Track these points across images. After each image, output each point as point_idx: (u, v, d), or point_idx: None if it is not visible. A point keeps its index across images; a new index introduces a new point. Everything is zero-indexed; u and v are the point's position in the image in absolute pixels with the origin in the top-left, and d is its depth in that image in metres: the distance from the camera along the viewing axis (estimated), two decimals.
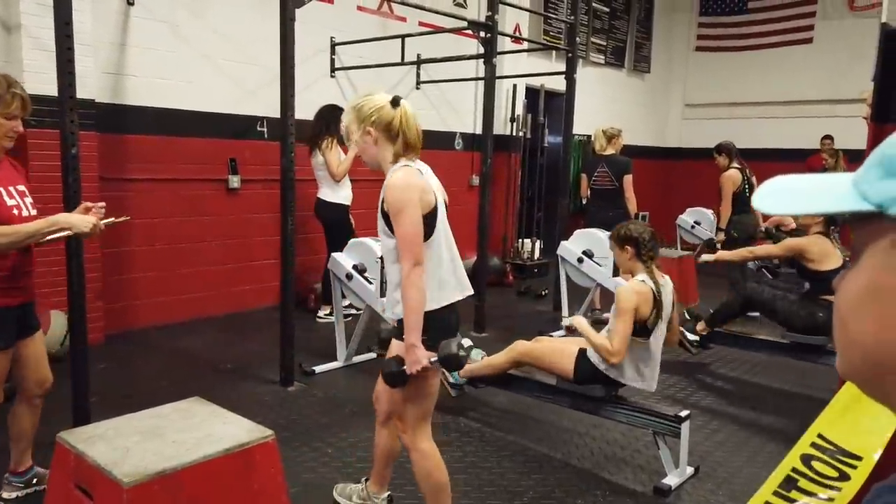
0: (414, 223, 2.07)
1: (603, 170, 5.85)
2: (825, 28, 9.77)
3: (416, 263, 2.06)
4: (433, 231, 2.14)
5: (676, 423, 2.97)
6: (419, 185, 2.10)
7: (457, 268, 2.25)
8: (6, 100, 2.36)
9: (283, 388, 4.05)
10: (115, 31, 4.87)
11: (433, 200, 2.12)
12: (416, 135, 2.16)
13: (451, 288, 2.19)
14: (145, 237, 5.15)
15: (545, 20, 8.31)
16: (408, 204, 2.06)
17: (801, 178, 0.56)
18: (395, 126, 2.12)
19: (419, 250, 2.07)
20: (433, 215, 2.14)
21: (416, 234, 2.07)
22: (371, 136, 2.14)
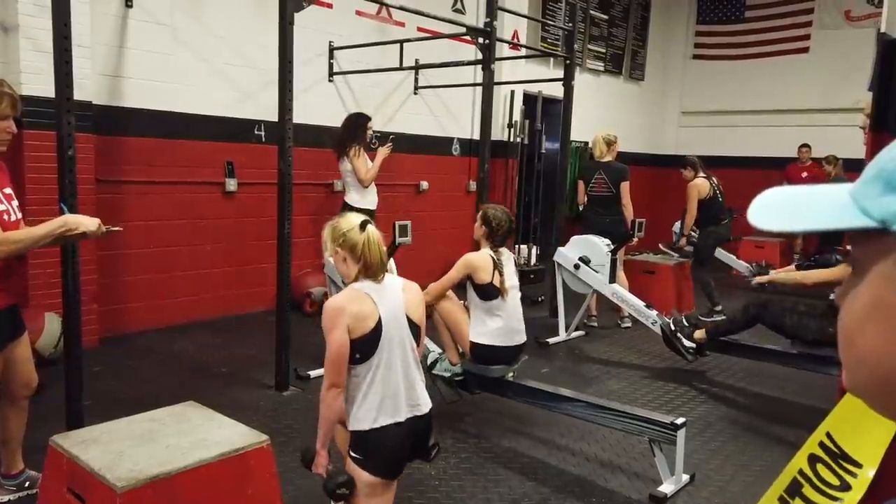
0: (336, 347, 2.15)
1: (600, 176, 5.86)
2: (821, 38, 9.83)
3: (332, 385, 2.18)
4: (371, 354, 2.19)
5: (672, 431, 2.96)
6: (352, 311, 2.17)
7: (406, 389, 2.26)
8: None
9: (279, 393, 4.04)
10: (113, 34, 4.87)
11: (370, 325, 2.18)
12: (376, 258, 2.27)
13: (390, 411, 2.21)
14: (141, 240, 5.14)
15: (543, 27, 8.35)
16: (333, 328, 2.16)
17: (796, 192, 0.55)
18: (359, 250, 2.25)
19: (337, 374, 2.17)
20: (371, 338, 2.19)
21: (336, 358, 2.16)
22: (339, 255, 2.30)
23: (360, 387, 2.21)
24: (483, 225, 3.61)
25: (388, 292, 2.28)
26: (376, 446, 2.21)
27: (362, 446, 2.21)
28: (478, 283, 3.48)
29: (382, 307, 2.23)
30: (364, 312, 2.19)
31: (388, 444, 2.22)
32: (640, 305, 4.95)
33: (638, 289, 5.61)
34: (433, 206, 6.50)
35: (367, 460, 2.20)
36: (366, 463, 2.20)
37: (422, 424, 2.30)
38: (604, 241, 5.30)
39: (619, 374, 4.73)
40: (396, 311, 2.27)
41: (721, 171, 10.41)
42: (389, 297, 2.27)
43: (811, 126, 9.62)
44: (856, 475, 1.20)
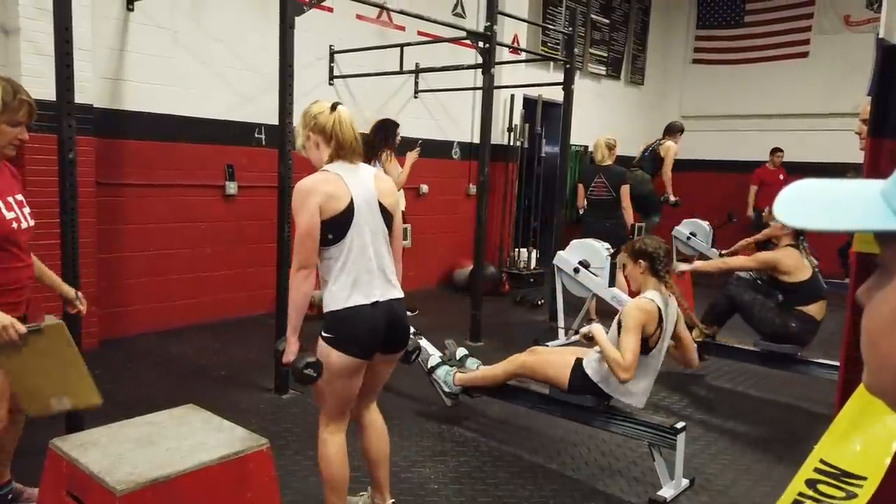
0: (304, 227, 2.16)
1: (600, 180, 5.87)
2: (821, 42, 9.85)
3: (299, 267, 2.19)
4: (343, 234, 2.21)
5: (672, 435, 2.96)
6: (323, 191, 2.18)
7: (380, 273, 2.28)
8: (13, 107, 2.27)
9: (278, 396, 4.04)
10: (114, 37, 4.88)
11: (342, 206, 2.19)
12: (349, 137, 2.26)
13: (364, 291, 2.23)
14: (141, 243, 5.14)
15: (543, 31, 8.36)
16: (302, 208, 2.16)
17: (825, 186, 0.52)
18: (329, 129, 2.24)
19: (304, 255, 2.18)
20: (344, 219, 2.20)
21: (305, 237, 2.17)
22: (311, 140, 2.28)
23: (333, 268, 2.22)
24: (639, 260, 3.06)
25: (361, 177, 2.28)
26: (349, 325, 2.21)
27: (335, 325, 2.22)
28: None
29: (354, 190, 2.23)
30: (335, 193, 2.19)
31: (361, 322, 2.22)
32: None
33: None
34: (433, 210, 6.51)
35: (339, 339, 2.21)
36: (337, 341, 2.21)
37: (396, 308, 2.31)
38: (603, 244, 5.30)
39: None
40: (368, 195, 2.27)
41: (720, 175, 10.50)
42: (362, 182, 2.27)
43: (811, 130, 9.64)
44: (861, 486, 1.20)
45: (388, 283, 2.32)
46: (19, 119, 2.30)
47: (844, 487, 1.21)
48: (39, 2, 4.10)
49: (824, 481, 1.23)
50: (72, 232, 3.14)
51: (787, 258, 4.24)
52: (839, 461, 1.26)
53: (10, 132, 2.29)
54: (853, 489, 1.19)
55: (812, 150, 9.37)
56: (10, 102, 2.26)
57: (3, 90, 2.24)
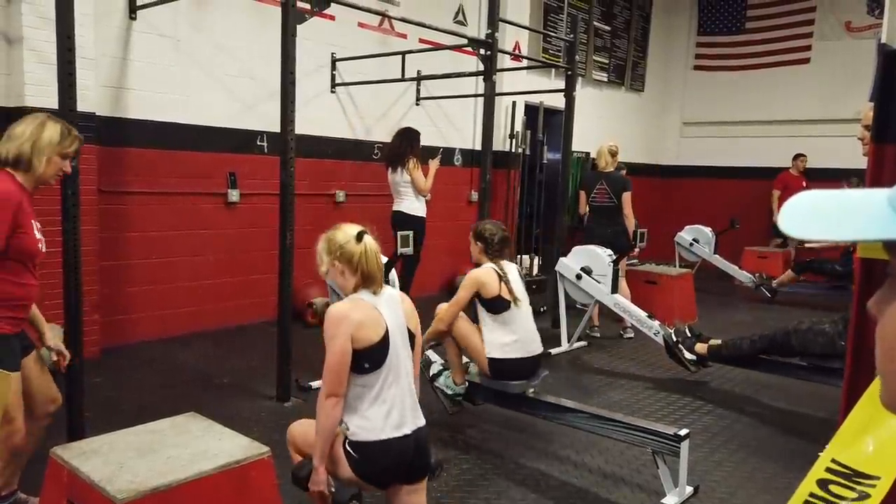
0: (336, 356, 2.12)
1: (602, 187, 5.87)
2: (822, 49, 9.86)
3: (330, 394, 2.13)
4: (380, 364, 2.17)
5: (676, 442, 2.94)
6: (356, 319, 2.14)
7: (410, 401, 2.25)
8: (66, 141, 2.50)
9: (280, 404, 4.02)
10: (117, 45, 4.90)
11: (378, 334, 2.16)
12: (374, 268, 2.24)
13: (396, 423, 2.18)
14: (143, 250, 5.14)
15: (545, 38, 8.38)
16: (335, 336, 2.13)
17: (829, 196, 0.51)
18: (356, 260, 2.22)
19: (336, 383, 2.13)
20: (380, 348, 2.16)
21: (337, 366, 2.12)
22: (337, 268, 2.26)
23: (365, 397, 2.17)
24: (477, 241, 3.57)
25: (390, 303, 2.27)
26: (379, 458, 2.18)
27: (364, 456, 2.16)
28: (487, 298, 3.42)
29: (387, 317, 2.21)
30: (369, 321, 2.16)
31: (393, 455, 2.18)
32: (643, 316, 4.94)
33: (640, 299, 5.60)
34: (435, 217, 6.50)
35: (362, 465, 2.16)
36: (359, 466, 2.16)
37: (423, 438, 2.28)
38: (606, 251, 5.29)
39: (622, 385, 4.71)
40: (398, 321, 2.26)
41: (722, 181, 10.51)
42: (392, 308, 2.26)
43: (812, 136, 9.64)
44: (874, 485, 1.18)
45: (415, 411, 2.28)
46: (69, 153, 2.53)
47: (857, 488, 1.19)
48: (42, 11, 4.12)
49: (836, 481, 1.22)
50: (74, 239, 3.14)
51: None
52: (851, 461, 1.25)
53: (59, 163, 2.50)
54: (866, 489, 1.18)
55: (814, 156, 9.36)
56: (66, 137, 2.50)
57: (60, 126, 2.51)
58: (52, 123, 2.49)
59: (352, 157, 6.57)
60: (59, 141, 2.47)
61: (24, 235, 2.38)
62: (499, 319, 3.43)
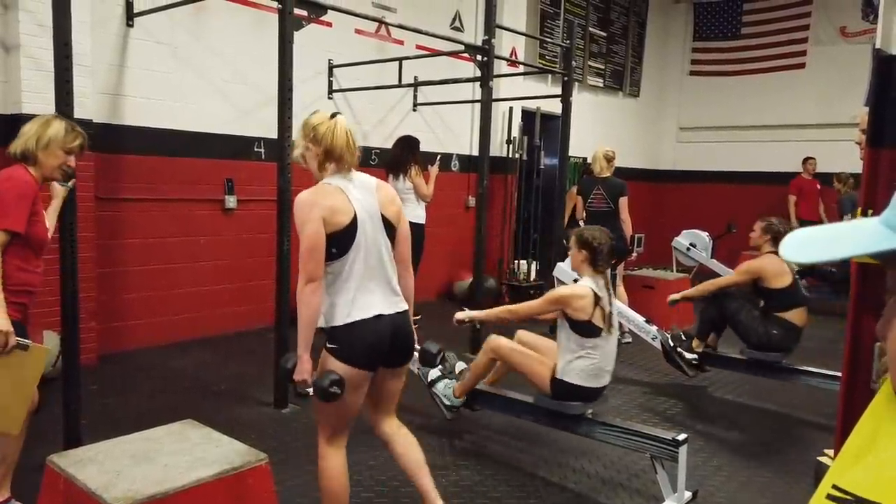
0: (310, 239, 2.13)
1: (599, 192, 5.88)
2: (817, 54, 9.91)
3: (307, 280, 2.14)
4: (347, 249, 2.19)
5: (674, 447, 2.94)
6: (326, 204, 2.15)
7: (384, 286, 2.27)
8: (70, 137, 2.67)
9: (278, 411, 4.01)
10: (114, 53, 4.90)
11: (345, 220, 2.17)
12: (344, 146, 2.23)
13: (366, 305, 2.21)
14: (140, 257, 5.14)
15: (541, 44, 8.41)
16: (306, 222, 2.14)
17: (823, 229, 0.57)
18: (328, 139, 2.22)
19: (311, 267, 2.14)
20: (347, 233, 2.18)
21: (310, 251, 2.13)
22: (311, 151, 2.26)
23: (335, 283, 2.20)
24: (581, 248, 3.17)
25: (362, 189, 2.27)
26: (353, 339, 2.20)
27: (338, 338, 2.20)
28: (573, 320, 3.10)
29: (356, 201, 2.21)
30: (337, 206, 2.17)
31: (365, 336, 2.20)
32: (640, 321, 4.94)
33: (637, 304, 5.60)
34: (432, 222, 6.50)
35: (343, 350, 2.19)
36: (342, 352, 2.19)
37: (400, 321, 2.29)
38: None
39: (620, 390, 4.70)
40: (371, 208, 2.25)
41: (719, 185, 10.53)
42: (364, 194, 2.26)
43: (808, 141, 9.67)
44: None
45: (392, 296, 2.30)
46: (72, 147, 2.69)
47: None
48: (40, 18, 4.12)
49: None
50: (71, 246, 3.13)
51: (770, 265, 4.29)
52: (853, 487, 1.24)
53: (62, 157, 2.66)
54: None
55: None
56: (69, 133, 2.67)
57: (65, 124, 2.70)
58: (58, 122, 2.68)
59: None
60: (63, 136, 2.64)
61: (38, 223, 2.60)
62: (581, 342, 3.11)
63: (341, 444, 2.39)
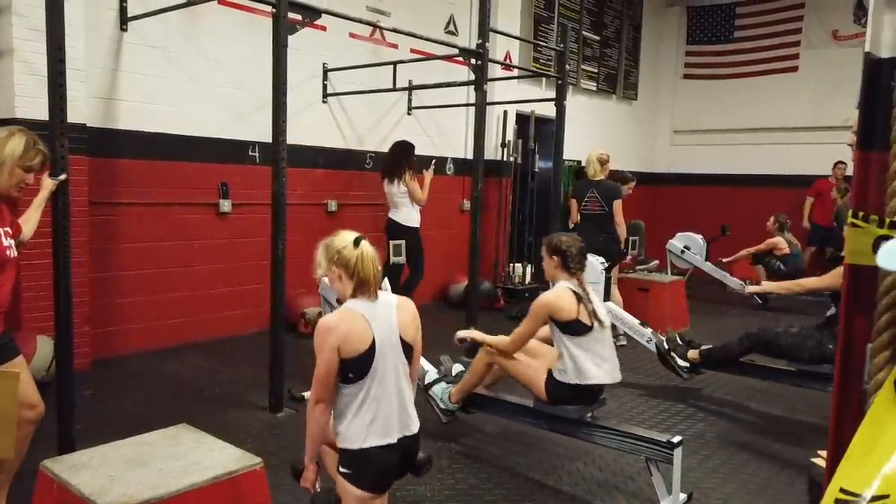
0: (323, 366, 2.19)
1: (593, 195, 5.90)
2: (810, 57, 9.97)
3: (318, 401, 2.23)
4: (364, 374, 2.21)
5: (669, 449, 2.95)
6: (343, 330, 2.19)
7: (398, 412, 2.28)
8: (30, 154, 2.57)
9: (272, 415, 4.01)
10: (108, 57, 4.89)
11: (363, 347, 2.19)
12: (370, 273, 2.28)
13: (382, 431, 2.23)
14: (134, 261, 5.12)
15: (535, 48, 8.43)
16: (321, 348, 2.19)
17: None
18: (352, 266, 2.27)
19: (322, 390, 2.21)
20: (364, 360, 2.20)
21: (322, 376, 2.19)
22: (335, 273, 2.31)
23: (351, 406, 2.22)
24: (553, 255, 3.26)
25: (382, 312, 2.29)
26: (365, 464, 2.22)
27: (351, 463, 2.22)
28: (563, 322, 3.15)
29: (376, 328, 2.23)
30: (356, 333, 2.20)
31: (378, 462, 2.23)
32: (635, 323, 4.95)
33: (632, 307, 5.62)
34: (427, 226, 6.51)
35: (356, 476, 2.22)
36: (355, 478, 2.22)
37: (411, 442, 2.32)
38: (598, 258, 5.30)
39: (615, 393, 4.71)
40: (390, 331, 2.27)
41: (713, 188, 10.58)
42: (383, 318, 2.28)
43: (801, 144, 9.73)
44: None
45: (406, 419, 2.31)
46: (33, 166, 2.61)
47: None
48: (33, 23, 4.11)
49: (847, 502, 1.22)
50: (64, 251, 3.12)
51: None
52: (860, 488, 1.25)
53: (20, 175, 2.57)
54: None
55: (803, 163, 9.44)
56: (30, 150, 2.57)
57: (26, 139, 2.58)
58: (19, 136, 2.56)
59: (344, 167, 6.57)
60: (22, 154, 2.54)
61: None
62: (581, 343, 3.14)
63: None
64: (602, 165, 5.95)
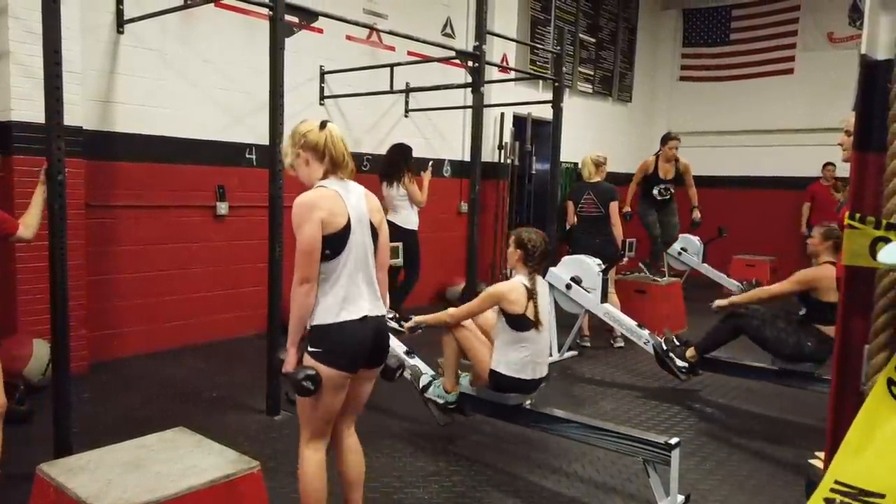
0: (308, 241, 2.20)
1: (589, 197, 5.90)
2: (805, 59, 10.00)
3: (302, 281, 2.22)
4: (340, 251, 2.26)
5: (666, 451, 2.95)
6: (324, 206, 2.22)
7: (368, 289, 2.34)
8: None
9: (270, 418, 4.00)
10: (104, 59, 4.89)
11: (342, 222, 2.24)
12: (341, 154, 2.32)
13: (355, 306, 2.28)
14: (131, 264, 5.11)
15: (532, 50, 8.44)
16: (304, 222, 2.20)
17: None
18: (321, 147, 2.29)
19: (307, 268, 2.22)
20: (341, 236, 2.25)
21: (307, 252, 2.21)
22: (302, 158, 2.33)
23: (326, 283, 2.26)
24: (517, 248, 3.39)
25: (354, 195, 2.34)
26: (337, 340, 2.25)
27: (322, 340, 2.25)
28: (509, 314, 3.28)
29: (351, 207, 2.28)
30: (335, 209, 2.24)
31: (350, 337, 2.26)
32: (633, 325, 4.96)
33: (630, 308, 5.62)
34: (425, 228, 6.52)
35: (327, 353, 2.25)
36: (325, 356, 2.24)
37: (382, 324, 2.37)
38: (595, 261, 5.31)
39: (613, 395, 4.72)
40: (361, 213, 2.33)
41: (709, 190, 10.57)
42: (355, 199, 2.33)
43: (797, 146, 9.75)
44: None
45: (375, 299, 2.37)
46: None
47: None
48: (29, 25, 4.11)
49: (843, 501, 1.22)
50: (61, 254, 3.11)
51: (827, 278, 3.97)
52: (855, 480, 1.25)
53: None
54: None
55: (799, 165, 9.46)
56: None
57: None
58: None
59: None
60: None
61: None
62: (515, 336, 3.30)
63: (321, 446, 2.43)
64: (598, 168, 5.96)
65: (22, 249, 4.12)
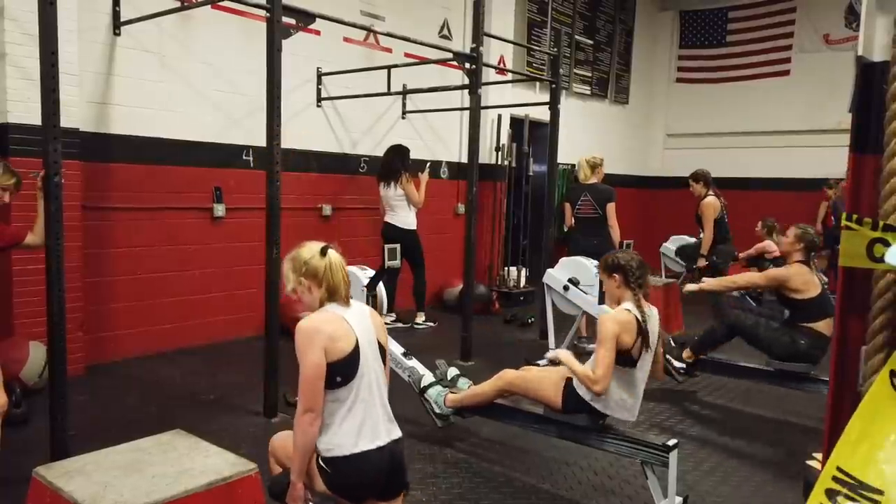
0: (312, 369, 2.09)
1: (586, 198, 5.91)
2: (802, 61, 10.03)
3: (307, 410, 2.10)
4: (352, 377, 2.15)
5: (664, 453, 2.95)
6: (328, 331, 2.13)
7: (383, 413, 2.25)
8: (5, 176, 3.12)
9: (267, 420, 3.99)
10: (101, 61, 4.88)
11: (347, 348, 2.14)
12: (339, 282, 2.24)
13: (372, 434, 2.18)
14: (128, 266, 5.10)
15: (529, 52, 8.45)
16: (307, 349, 2.10)
17: None
18: (321, 275, 2.22)
19: (311, 398, 2.10)
20: (350, 362, 2.15)
21: (311, 380, 2.10)
22: (304, 285, 2.25)
23: (339, 412, 2.15)
24: (613, 274, 3.05)
25: (359, 316, 2.26)
26: (354, 472, 2.16)
27: (339, 472, 2.15)
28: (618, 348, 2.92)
29: (358, 330, 2.20)
30: (340, 333, 2.15)
31: (369, 467, 2.17)
32: None
33: None
34: (422, 230, 6.52)
35: (336, 482, 2.15)
36: (333, 484, 2.15)
37: (397, 448, 2.27)
38: (592, 262, 5.31)
39: None
40: (369, 335, 2.25)
41: None
42: (362, 321, 2.25)
43: (794, 147, 9.77)
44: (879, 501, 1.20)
45: (390, 423, 2.28)
46: (6, 185, 3.16)
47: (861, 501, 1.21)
48: (26, 27, 4.11)
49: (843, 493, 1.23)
50: (57, 256, 3.11)
51: (797, 275, 4.14)
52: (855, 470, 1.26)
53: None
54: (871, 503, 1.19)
55: (796, 167, 9.48)
56: (5, 173, 3.08)
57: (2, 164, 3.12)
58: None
59: (338, 171, 6.57)
60: None
61: None
62: (617, 372, 2.95)
63: None
64: (593, 169, 5.96)
65: (18, 251, 4.11)
